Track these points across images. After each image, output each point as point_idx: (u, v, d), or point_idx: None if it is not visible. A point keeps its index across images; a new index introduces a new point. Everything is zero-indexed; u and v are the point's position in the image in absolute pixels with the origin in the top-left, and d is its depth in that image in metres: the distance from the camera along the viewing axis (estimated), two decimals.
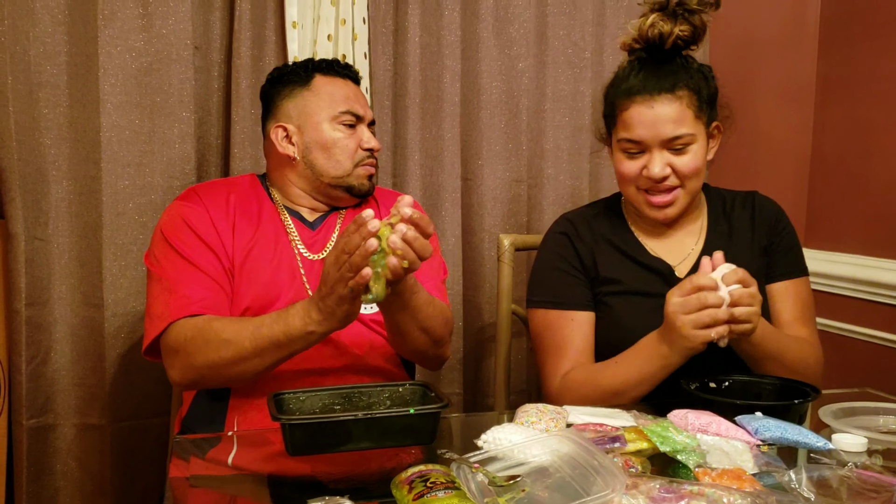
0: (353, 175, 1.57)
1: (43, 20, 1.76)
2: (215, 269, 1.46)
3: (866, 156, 2.26)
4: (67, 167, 1.81)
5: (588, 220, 1.60)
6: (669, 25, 1.45)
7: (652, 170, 1.45)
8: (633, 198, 1.52)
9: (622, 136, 1.47)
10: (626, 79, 1.48)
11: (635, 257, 1.54)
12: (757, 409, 1.20)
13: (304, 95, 1.58)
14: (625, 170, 1.49)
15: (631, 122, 1.45)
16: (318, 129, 1.56)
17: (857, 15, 2.29)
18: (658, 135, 1.43)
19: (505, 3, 2.09)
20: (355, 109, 1.58)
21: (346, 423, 1.08)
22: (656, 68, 1.46)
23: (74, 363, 1.84)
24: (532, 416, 1.19)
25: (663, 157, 1.45)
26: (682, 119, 1.44)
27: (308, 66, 1.61)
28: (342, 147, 1.56)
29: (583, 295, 1.53)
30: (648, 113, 1.44)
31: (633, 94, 1.45)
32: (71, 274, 1.83)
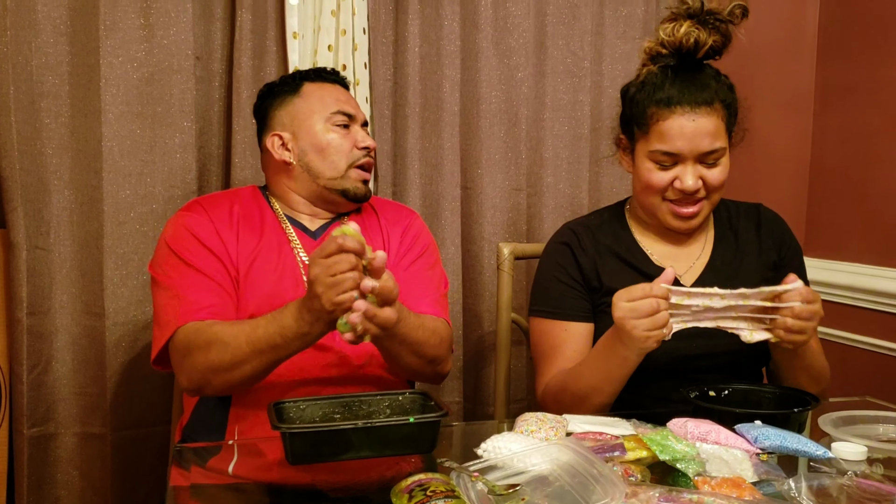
0: (347, 177, 1.57)
1: (45, 31, 1.78)
2: (221, 276, 1.46)
3: (866, 163, 2.26)
4: (69, 177, 1.82)
5: (591, 229, 1.59)
6: (705, 35, 1.43)
7: (686, 182, 1.44)
8: (656, 207, 1.50)
9: (657, 148, 1.45)
10: (662, 87, 1.45)
11: (639, 267, 1.54)
12: (756, 418, 1.20)
13: (295, 102, 1.59)
14: (655, 180, 1.47)
15: (670, 134, 1.43)
16: (312, 131, 1.57)
17: (856, 23, 2.31)
18: (696, 148, 1.42)
19: (504, 13, 2.10)
20: (347, 109, 1.59)
21: (346, 431, 1.09)
22: (692, 78, 1.45)
23: (75, 372, 1.84)
24: (532, 424, 1.19)
25: (696, 169, 1.44)
26: (718, 133, 1.44)
27: (296, 76, 1.64)
28: (336, 147, 1.57)
29: (580, 306, 1.53)
30: (690, 125, 1.42)
31: (674, 105, 1.43)
32: (72, 283, 1.83)
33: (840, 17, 2.36)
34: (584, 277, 1.54)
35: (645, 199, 1.51)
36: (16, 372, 1.79)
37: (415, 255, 1.61)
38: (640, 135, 1.49)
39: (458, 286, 2.09)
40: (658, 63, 1.49)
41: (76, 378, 1.84)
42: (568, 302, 1.53)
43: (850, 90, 2.32)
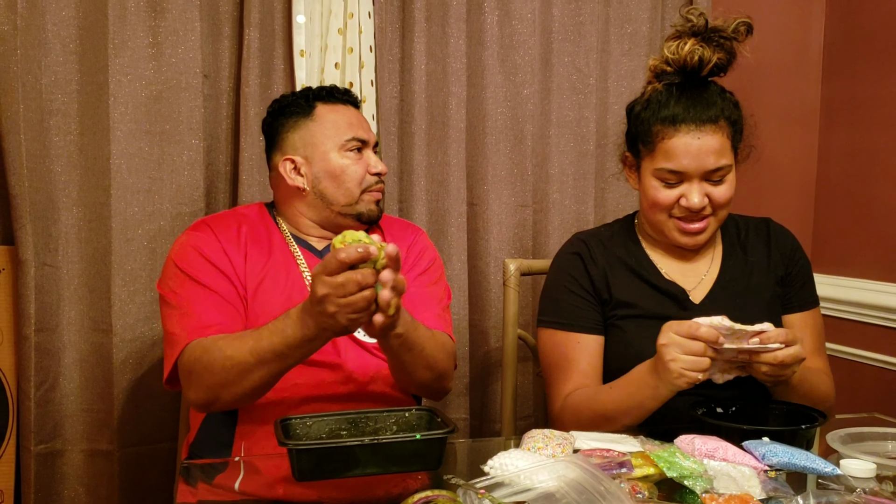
0: (361, 202, 1.58)
1: (54, 49, 1.79)
2: (229, 293, 1.47)
3: (871, 180, 2.26)
4: (77, 194, 1.83)
5: (603, 241, 1.59)
6: (709, 52, 1.44)
7: (691, 200, 1.43)
8: (662, 224, 1.50)
9: (662, 166, 1.45)
10: (667, 105, 1.45)
11: (650, 280, 1.53)
12: (764, 435, 1.19)
13: (308, 126, 1.58)
14: (661, 198, 1.46)
15: (675, 152, 1.43)
16: (326, 158, 1.56)
17: (861, 40, 2.31)
18: (702, 166, 1.42)
19: (510, 30, 2.11)
20: (360, 135, 1.59)
21: (353, 448, 1.09)
22: (697, 96, 1.45)
23: (83, 389, 1.85)
24: (539, 441, 1.19)
25: (702, 187, 1.44)
26: (724, 150, 1.44)
27: (308, 95, 1.61)
28: (351, 174, 1.56)
29: (591, 318, 1.52)
30: (695, 144, 1.42)
31: (678, 123, 1.43)
32: (80, 300, 1.84)
33: (845, 34, 2.37)
34: (595, 289, 1.53)
35: (652, 216, 1.51)
36: (23, 389, 1.79)
37: (420, 271, 1.61)
38: (645, 153, 1.49)
39: (464, 302, 2.09)
40: (663, 81, 1.49)
41: (83, 395, 1.85)
42: (579, 313, 1.52)
43: (856, 107, 2.33)
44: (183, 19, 1.85)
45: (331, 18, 1.95)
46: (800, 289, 1.58)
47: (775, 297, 1.54)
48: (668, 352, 1.27)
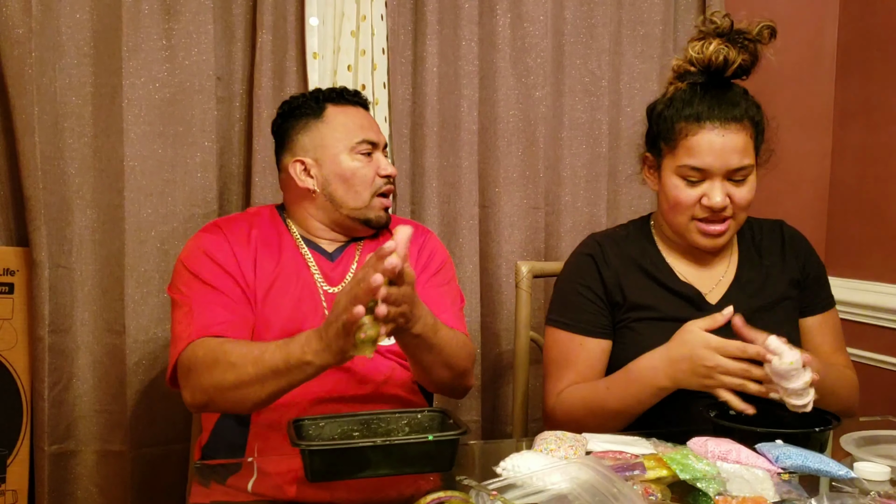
0: (370, 207, 1.57)
1: (69, 53, 1.81)
2: (235, 293, 1.47)
3: (885, 182, 2.25)
4: (91, 196, 1.84)
5: (618, 241, 1.57)
6: (734, 53, 1.43)
7: (713, 199, 1.42)
8: (683, 225, 1.48)
9: (685, 163, 1.43)
10: (691, 103, 1.44)
11: (665, 283, 1.52)
12: (777, 437, 1.19)
13: (319, 128, 1.57)
14: (683, 197, 1.45)
15: (699, 149, 1.41)
16: (336, 160, 1.56)
17: (875, 42, 2.30)
18: (725, 164, 1.41)
19: (522, 33, 2.11)
20: (370, 137, 1.58)
21: (365, 449, 1.09)
22: (721, 95, 1.44)
23: (96, 389, 1.86)
24: (551, 443, 1.19)
25: (724, 186, 1.42)
26: (747, 150, 1.43)
27: (318, 97, 1.60)
28: (361, 177, 1.56)
29: (598, 322, 1.52)
30: (719, 141, 1.41)
31: (703, 120, 1.42)
32: (93, 301, 1.85)
33: (859, 36, 2.36)
34: (606, 292, 1.52)
35: (672, 217, 1.49)
36: (37, 389, 1.81)
37: (431, 272, 1.61)
38: (667, 150, 1.47)
39: (476, 304, 2.09)
40: (686, 80, 1.48)
41: (97, 395, 1.86)
42: (586, 316, 1.52)
43: (870, 109, 2.31)
44: (196, 22, 1.87)
45: (343, 21, 1.95)
46: (817, 292, 1.57)
47: (790, 300, 1.53)
48: (705, 359, 1.29)
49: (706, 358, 1.29)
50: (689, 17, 2.28)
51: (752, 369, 1.26)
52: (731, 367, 1.27)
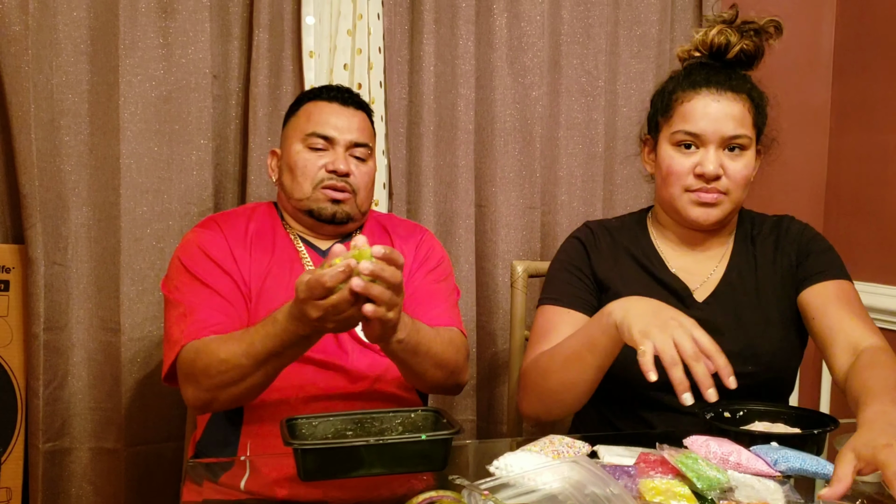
0: (312, 199, 1.54)
1: (66, 50, 1.80)
2: (232, 293, 1.47)
3: (882, 183, 2.25)
4: (87, 193, 1.84)
5: (611, 230, 1.57)
6: (736, 37, 1.44)
7: (706, 166, 1.39)
8: (677, 199, 1.45)
9: (679, 128, 1.42)
10: (689, 74, 1.45)
11: (654, 272, 1.50)
12: (773, 440, 1.19)
13: (291, 121, 1.61)
14: (676, 166, 1.43)
15: (693, 114, 1.41)
16: (290, 150, 1.57)
17: (871, 41, 2.30)
18: (719, 130, 1.40)
19: (519, 32, 2.11)
20: (324, 131, 1.54)
21: (358, 448, 1.08)
22: (720, 70, 1.45)
23: (91, 387, 1.86)
24: (545, 444, 1.19)
25: (718, 156, 1.40)
26: (744, 121, 1.41)
27: (304, 95, 1.64)
28: (302, 168, 1.54)
29: (583, 297, 1.49)
30: (714, 105, 1.40)
31: (699, 87, 1.42)
32: (89, 299, 1.85)
33: (855, 35, 2.36)
34: (593, 272, 1.51)
35: (666, 190, 1.47)
36: (32, 387, 1.80)
37: (428, 269, 1.61)
38: (663, 122, 1.46)
39: (471, 304, 2.09)
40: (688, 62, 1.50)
41: (91, 393, 1.86)
42: (572, 290, 1.50)
43: (866, 108, 2.31)
44: (193, 20, 1.86)
45: (340, 20, 1.95)
46: (812, 264, 1.47)
47: (784, 297, 1.49)
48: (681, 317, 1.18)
49: (678, 315, 1.18)
50: (685, 18, 2.28)
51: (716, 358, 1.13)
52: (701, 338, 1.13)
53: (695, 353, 1.11)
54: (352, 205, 1.56)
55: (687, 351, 1.10)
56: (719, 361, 1.12)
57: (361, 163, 1.58)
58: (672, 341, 1.12)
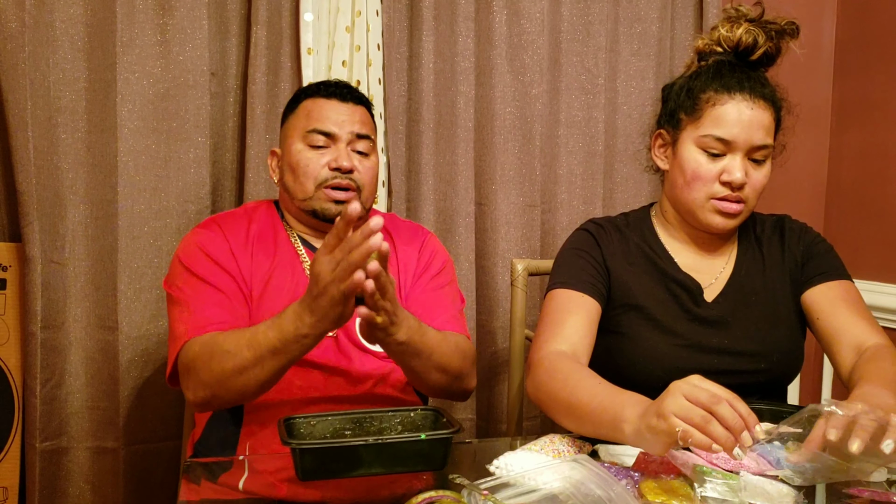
0: (315, 198, 1.51)
1: (63, 47, 1.79)
2: (233, 291, 1.46)
3: (883, 181, 2.24)
4: (84, 191, 1.83)
5: (618, 226, 1.54)
6: (763, 37, 1.42)
7: (734, 174, 1.37)
8: (698, 203, 1.42)
9: (710, 132, 1.39)
10: (720, 74, 1.41)
11: (666, 270, 1.48)
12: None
13: (290, 119, 1.58)
14: (703, 171, 1.40)
15: (727, 119, 1.38)
16: (290, 150, 1.54)
17: (872, 40, 2.29)
18: (750, 138, 1.37)
19: (518, 30, 2.10)
20: (324, 128, 1.51)
21: (357, 448, 1.08)
22: (746, 73, 1.42)
23: (88, 386, 1.85)
24: (546, 443, 1.18)
25: (745, 164, 1.39)
26: (770, 130, 1.40)
27: (301, 91, 1.60)
28: (304, 167, 1.51)
29: (595, 284, 1.45)
30: (748, 113, 1.37)
31: (734, 91, 1.39)
32: (86, 297, 1.84)
33: (856, 33, 2.35)
34: (605, 262, 1.48)
35: (688, 193, 1.43)
36: (29, 386, 1.80)
37: (432, 273, 1.59)
38: (688, 122, 1.43)
39: (471, 302, 2.08)
40: (712, 59, 1.47)
41: (89, 392, 1.85)
42: (584, 275, 1.45)
43: (867, 107, 2.31)
44: (191, 17, 1.85)
45: (338, 16, 1.94)
46: (815, 265, 1.47)
47: (791, 297, 1.48)
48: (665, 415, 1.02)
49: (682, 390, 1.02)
50: (686, 15, 2.27)
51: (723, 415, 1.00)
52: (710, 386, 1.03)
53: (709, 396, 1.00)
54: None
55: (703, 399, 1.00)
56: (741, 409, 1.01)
57: (365, 157, 1.55)
58: (685, 401, 1.01)
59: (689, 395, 1.00)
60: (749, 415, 1.00)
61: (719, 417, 0.98)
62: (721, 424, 0.98)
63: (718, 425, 0.98)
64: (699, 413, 0.98)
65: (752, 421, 0.99)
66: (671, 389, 1.02)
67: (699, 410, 0.98)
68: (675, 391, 1.01)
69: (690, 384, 1.02)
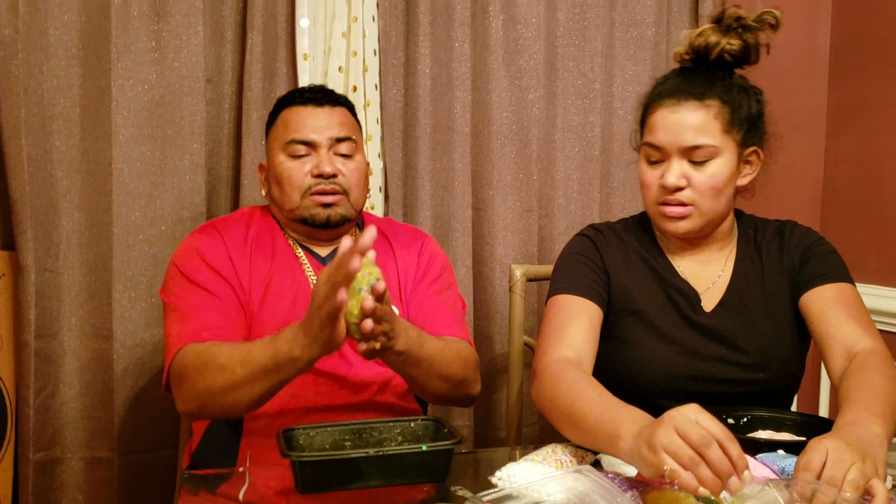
0: (303, 207, 1.50)
1: (56, 54, 1.78)
2: (230, 298, 1.44)
3: (879, 184, 2.24)
4: (79, 199, 1.81)
5: (617, 231, 1.54)
6: (717, 37, 1.40)
7: (667, 178, 1.38)
8: (651, 211, 1.46)
9: (646, 140, 1.42)
10: (662, 83, 1.44)
11: (665, 276, 1.47)
12: (779, 447, 1.17)
13: (271, 131, 1.57)
14: (644, 178, 1.43)
15: (655, 126, 1.40)
16: (273, 162, 1.53)
17: (868, 42, 2.29)
18: (677, 141, 1.37)
19: (514, 35, 2.10)
20: (304, 136, 1.50)
21: (357, 460, 1.07)
22: (692, 76, 1.42)
23: (83, 395, 1.83)
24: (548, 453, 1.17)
25: (682, 166, 1.38)
26: (706, 129, 1.37)
27: (279, 102, 1.59)
28: (288, 178, 1.50)
29: (596, 289, 1.45)
30: (671, 117, 1.38)
31: (662, 98, 1.40)
32: (80, 306, 1.82)
33: (852, 36, 2.35)
34: (605, 266, 1.48)
35: (645, 202, 1.47)
36: (22, 395, 1.78)
37: (432, 278, 1.58)
38: (642, 133, 1.47)
39: (469, 308, 2.07)
40: None
41: (84, 401, 1.83)
42: (585, 280, 1.45)
43: (863, 110, 2.31)
44: (186, 24, 1.84)
45: (334, 22, 1.93)
46: (811, 269, 1.45)
47: (790, 303, 1.46)
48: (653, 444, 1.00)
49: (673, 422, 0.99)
50: (681, 19, 2.26)
51: None
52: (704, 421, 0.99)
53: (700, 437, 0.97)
54: (345, 206, 1.52)
55: (694, 439, 0.97)
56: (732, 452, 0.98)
57: (348, 159, 1.53)
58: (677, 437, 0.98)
59: (682, 431, 0.97)
60: (739, 458, 0.97)
61: (708, 461, 0.95)
62: (709, 467, 0.95)
63: (706, 469, 0.95)
64: (688, 454, 0.96)
65: (741, 465, 0.96)
66: (665, 419, 1.00)
67: (689, 451, 0.96)
68: (668, 423, 0.99)
69: (685, 418, 0.98)
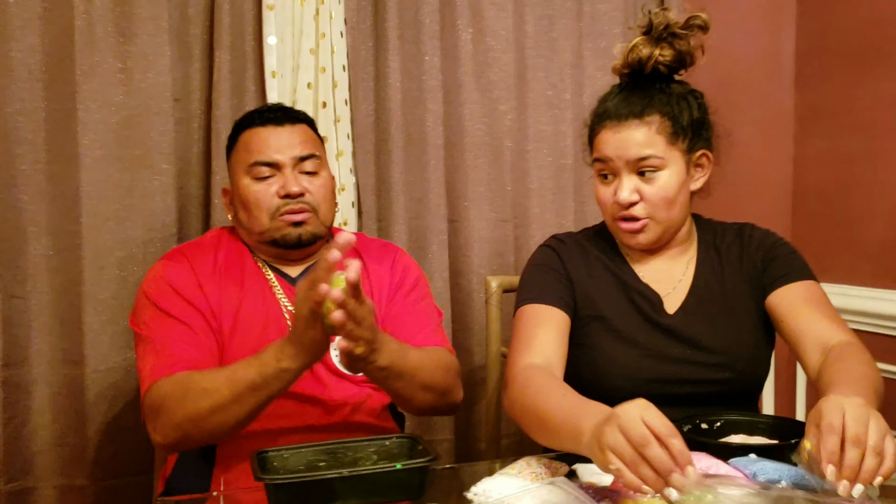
0: (273, 229, 1.49)
1: (20, 76, 1.76)
2: (202, 327, 1.42)
3: (847, 186, 2.27)
4: (46, 223, 1.79)
5: (579, 241, 1.56)
6: (649, 49, 1.42)
7: (620, 195, 1.41)
8: (611, 225, 1.49)
9: (594, 157, 1.47)
10: (604, 103, 1.47)
11: (627, 281, 1.49)
12: (751, 451, 1.17)
13: (232, 156, 1.56)
14: (599, 195, 1.47)
15: (600, 146, 1.44)
16: (238, 185, 1.51)
17: (832, 47, 2.33)
18: (623, 155, 1.40)
19: (484, 47, 2.10)
20: (266, 158, 1.48)
21: (332, 480, 1.06)
22: (630, 94, 1.44)
23: (54, 422, 1.80)
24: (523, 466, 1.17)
25: (632, 181, 1.41)
26: (650, 144, 1.40)
27: (237, 125, 1.57)
28: (255, 201, 1.48)
29: (562, 296, 1.46)
30: (614, 137, 1.41)
31: (604, 120, 1.44)
32: (50, 331, 1.79)
33: (816, 41, 2.39)
34: (568, 274, 1.49)
35: (604, 217, 1.51)
36: None
37: (407, 290, 1.58)
38: (591, 150, 1.50)
39: (447, 320, 2.06)
40: (621, 81, 1.49)
41: (55, 428, 1.80)
42: (551, 289, 1.47)
43: (830, 113, 2.34)
44: (152, 44, 1.83)
45: (302, 39, 1.93)
46: (776, 268, 1.46)
47: (753, 304, 1.48)
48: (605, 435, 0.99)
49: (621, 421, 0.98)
50: None
51: None
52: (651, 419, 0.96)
53: (639, 436, 0.95)
54: (315, 223, 1.51)
55: (634, 438, 0.95)
56: (674, 448, 0.96)
57: (314, 177, 1.52)
58: (620, 436, 0.96)
59: (624, 429, 0.96)
60: (681, 454, 0.95)
61: (648, 459, 0.94)
62: (649, 466, 0.94)
63: (647, 468, 0.94)
64: (630, 453, 0.95)
65: (683, 461, 0.94)
66: (611, 418, 0.99)
67: (630, 450, 0.95)
68: (613, 422, 0.98)
69: (629, 416, 0.97)
